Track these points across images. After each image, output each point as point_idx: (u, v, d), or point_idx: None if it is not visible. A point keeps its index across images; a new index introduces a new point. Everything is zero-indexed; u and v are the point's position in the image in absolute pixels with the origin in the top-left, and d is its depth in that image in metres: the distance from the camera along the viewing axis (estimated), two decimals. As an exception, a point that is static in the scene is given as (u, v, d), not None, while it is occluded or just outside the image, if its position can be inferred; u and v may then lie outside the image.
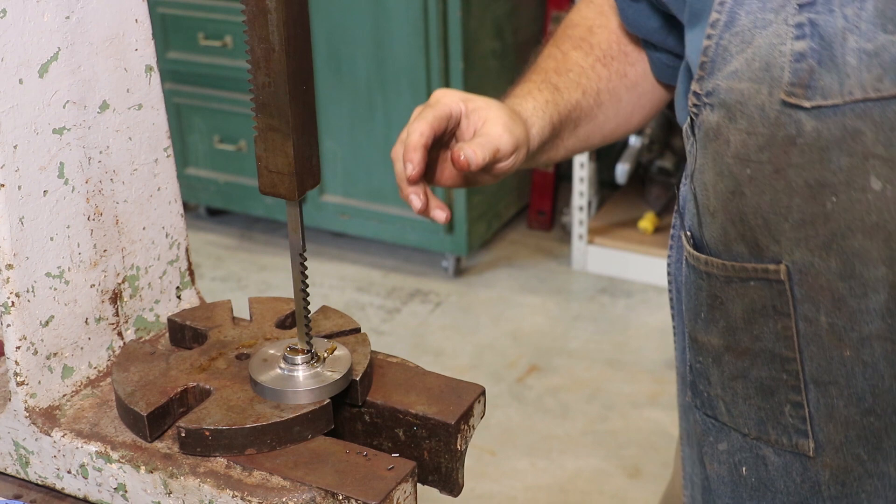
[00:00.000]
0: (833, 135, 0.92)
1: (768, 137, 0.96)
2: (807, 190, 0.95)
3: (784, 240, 0.98)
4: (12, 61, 0.88)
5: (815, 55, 0.92)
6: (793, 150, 0.95)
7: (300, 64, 0.82)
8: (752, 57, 0.96)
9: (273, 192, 0.86)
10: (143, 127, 1.02)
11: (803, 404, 1.03)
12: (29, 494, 0.98)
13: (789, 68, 0.93)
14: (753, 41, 0.96)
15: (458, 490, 0.96)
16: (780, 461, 1.07)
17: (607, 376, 3.12)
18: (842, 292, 0.96)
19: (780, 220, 0.98)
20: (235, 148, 3.81)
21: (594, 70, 1.28)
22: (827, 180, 0.94)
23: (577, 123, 1.27)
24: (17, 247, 0.91)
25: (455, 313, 3.48)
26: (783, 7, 0.94)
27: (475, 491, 2.64)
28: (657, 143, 3.64)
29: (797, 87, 0.93)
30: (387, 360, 1.01)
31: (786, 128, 0.95)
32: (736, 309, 1.04)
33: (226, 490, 0.86)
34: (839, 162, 0.93)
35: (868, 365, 0.97)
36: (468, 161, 1.09)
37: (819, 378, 1.01)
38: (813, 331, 0.99)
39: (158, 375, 0.95)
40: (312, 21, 3.39)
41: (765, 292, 1.01)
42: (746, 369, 1.05)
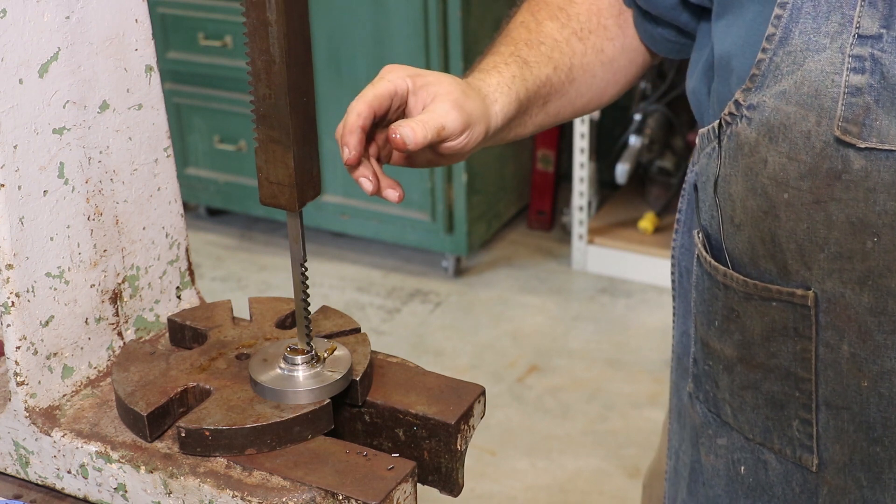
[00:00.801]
0: (883, 178, 0.91)
1: (811, 167, 0.94)
2: (848, 226, 0.94)
3: (816, 269, 0.97)
4: (12, 61, 0.88)
5: (873, 93, 0.90)
6: (837, 185, 0.93)
7: (301, 76, 0.83)
8: (801, 80, 0.94)
9: (274, 203, 0.87)
10: (143, 127, 1.02)
11: (812, 423, 1.02)
12: (29, 494, 0.98)
13: (843, 101, 0.91)
14: (805, 64, 0.93)
15: (458, 490, 0.96)
16: (782, 468, 1.07)
17: (607, 376, 3.12)
18: (869, 326, 0.96)
19: (816, 249, 0.97)
20: (235, 148, 3.81)
21: (569, 44, 1.21)
22: (871, 220, 0.93)
23: (547, 99, 1.20)
24: (17, 247, 0.91)
25: (455, 313, 3.48)
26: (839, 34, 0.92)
27: (475, 491, 2.64)
28: (657, 143, 3.64)
29: (851, 124, 0.91)
30: (387, 360, 1.01)
31: (831, 161, 0.93)
32: (754, 325, 1.03)
33: (226, 490, 0.86)
34: (885, 205, 0.91)
35: (884, 398, 0.98)
36: (404, 140, 1.01)
37: (832, 402, 1.00)
38: (833, 357, 0.99)
39: (158, 375, 0.95)
40: (312, 21, 3.39)
41: (787, 314, 1.00)
42: (758, 382, 1.05)
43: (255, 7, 0.80)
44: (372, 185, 1.04)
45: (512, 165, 3.83)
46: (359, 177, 1.03)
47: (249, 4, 0.80)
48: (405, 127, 1.01)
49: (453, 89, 1.07)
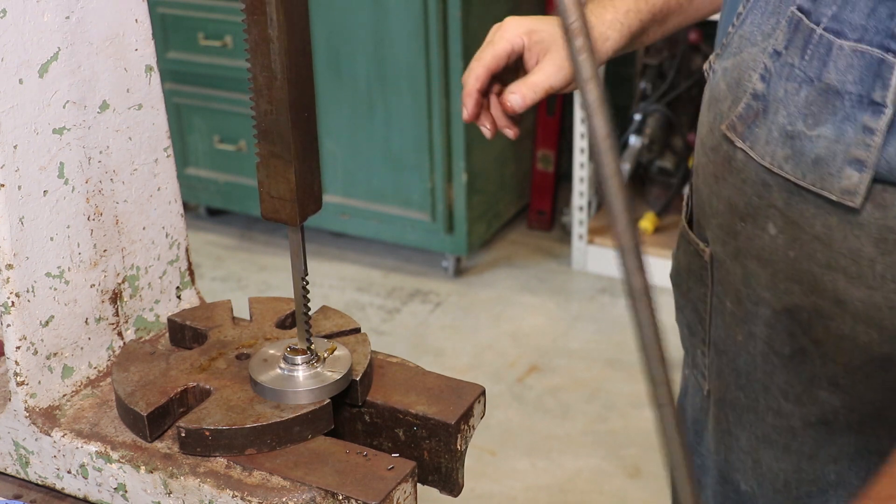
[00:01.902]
0: (750, 177, 1.02)
1: (716, 144, 1.06)
2: (728, 206, 1.06)
3: (710, 233, 1.11)
4: (12, 61, 0.88)
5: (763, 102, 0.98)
6: (727, 168, 1.05)
7: (302, 92, 0.83)
8: (735, 65, 1.02)
9: (275, 218, 0.87)
10: (143, 127, 1.02)
11: (706, 355, 1.17)
12: (29, 494, 0.98)
13: (745, 100, 1.00)
14: (742, 52, 1.02)
15: (458, 490, 0.96)
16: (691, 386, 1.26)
17: (607, 376, 3.12)
18: (742, 294, 1.08)
19: (710, 216, 1.10)
20: (235, 148, 3.81)
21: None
22: (740, 208, 1.04)
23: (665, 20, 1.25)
24: (17, 247, 0.91)
25: (455, 313, 3.48)
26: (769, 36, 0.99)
27: (475, 491, 2.64)
28: (657, 143, 3.64)
29: (740, 122, 1.01)
30: (387, 360, 1.01)
31: (726, 146, 1.04)
32: (682, 259, 1.19)
33: (226, 490, 0.86)
34: (750, 200, 1.03)
35: (750, 355, 1.10)
36: (513, 107, 1.13)
37: (717, 344, 1.14)
38: (721, 308, 1.12)
39: (158, 375, 0.95)
40: (312, 22, 3.39)
41: (696, 260, 1.15)
42: (682, 307, 1.21)
43: (256, 24, 0.80)
44: (491, 132, 1.19)
45: (512, 165, 3.83)
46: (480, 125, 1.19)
47: (251, 21, 0.80)
48: (516, 94, 1.14)
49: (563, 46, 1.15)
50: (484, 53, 1.17)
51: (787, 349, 1.06)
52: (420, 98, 3.40)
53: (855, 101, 0.92)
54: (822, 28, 0.93)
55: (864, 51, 0.91)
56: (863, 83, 0.91)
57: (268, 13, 0.79)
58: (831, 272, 0.99)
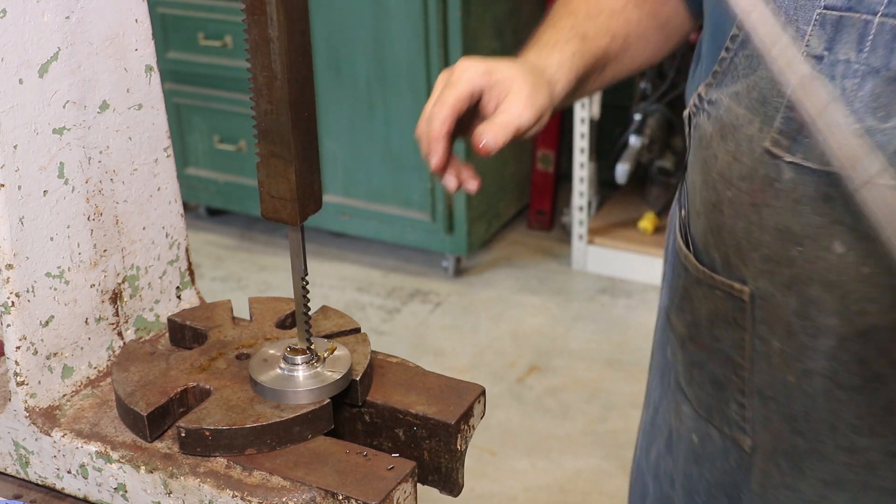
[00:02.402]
0: (808, 192, 0.95)
1: (750, 169, 0.99)
2: (776, 232, 0.98)
3: (751, 267, 1.02)
4: (12, 61, 0.88)
5: None
6: (769, 191, 0.97)
7: (302, 92, 0.83)
8: (753, 85, 0.97)
9: (275, 218, 0.87)
10: (143, 127, 1.02)
11: (746, 407, 1.08)
12: (29, 494, 0.98)
13: (783, 113, 0.95)
14: (758, 70, 0.96)
15: (458, 490, 0.96)
16: (722, 445, 1.13)
17: (607, 376, 3.12)
18: (796, 328, 1.00)
19: (750, 249, 1.01)
20: (235, 148, 3.81)
21: (625, 12, 1.22)
22: (796, 231, 0.97)
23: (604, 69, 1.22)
24: (17, 247, 0.91)
25: (455, 313, 3.48)
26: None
27: (475, 491, 2.64)
28: (657, 143, 3.64)
29: (784, 136, 0.95)
30: (387, 360, 1.01)
31: (767, 167, 0.97)
32: (701, 308, 1.09)
33: (226, 490, 0.86)
34: (809, 219, 0.95)
35: (808, 395, 1.02)
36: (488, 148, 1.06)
37: (763, 391, 1.05)
38: (765, 350, 1.04)
39: (158, 375, 0.95)
40: (312, 22, 3.39)
41: (728, 304, 1.05)
42: (704, 361, 1.11)
43: (256, 23, 0.80)
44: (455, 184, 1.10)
45: (512, 165, 3.83)
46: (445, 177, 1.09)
47: (251, 21, 0.80)
48: (488, 134, 1.06)
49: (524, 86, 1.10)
50: (445, 96, 1.08)
51: (856, 380, 0.99)
52: (420, 98, 3.40)
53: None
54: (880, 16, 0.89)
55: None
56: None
57: (268, 13, 0.79)
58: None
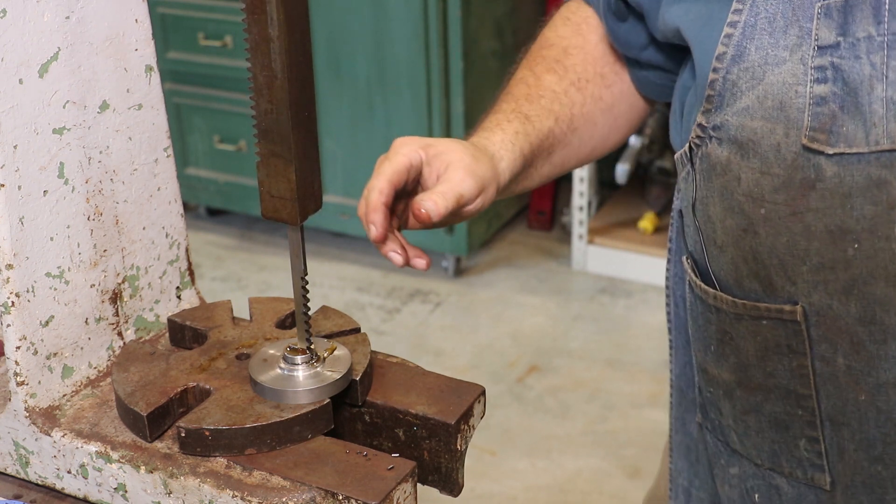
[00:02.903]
0: (857, 182, 0.90)
1: (785, 179, 0.94)
2: (827, 235, 0.93)
3: (801, 282, 0.97)
4: (12, 61, 0.88)
5: (837, 100, 0.90)
6: (812, 194, 0.93)
7: (302, 91, 0.83)
8: (764, 94, 0.94)
9: (275, 217, 0.87)
10: (143, 127, 1.02)
11: (819, 440, 1.01)
12: (29, 494, 0.98)
13: (810, 112, 0.91)
14: (765, 78, 0.94)
15: (458, 490, 0.96)
16: (794, 492, 1.06)
17: (607, 376, 3.12)
18: (861, 336, 0.95)
19: (798, 262, 0.96)
20: (235, 148, 3.81)
21: (567, 95, 1.23)
22: (849, 227, 0.92)
23: (551, 151, 1.22)
24: (17, 247, 0.91)
25: (455, 313, 3.48)
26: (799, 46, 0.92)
27: (475, 491, 2.64)
28: (657, 143, 3.64)
29: (818, 133, 0.91)
30: (387, 360, 1.01)
31: (804, 171, 0.93)
32: (748, 346, 1.02)
33: (226, 490, 0.86)
34: (862, 210, 0.91)
35: (882, 412, 0.96)
36: (429, 214, 1.06)
37: (834, 417, 0.99)
38: (830, 371, 0.98)
39: (158, 375, 0.95)
40: (312, 22, 3.39)
41: (779, 331, 0.99)
42: (759, 404, 1.04)
43: (256, 23, 0.80)
44: (402, 259, 1.09)
45: (512, 165, 3.83)
46: (388, 252, 1.09)
47: (251, 20, 0.80)
48: (428, 201, 1.06)
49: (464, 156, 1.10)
50: (382, 168, 1.08)
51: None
52: (420, 98, 3.40)
53: None
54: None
55: None
56: None
57: (268, 12, 0.79)
58: None
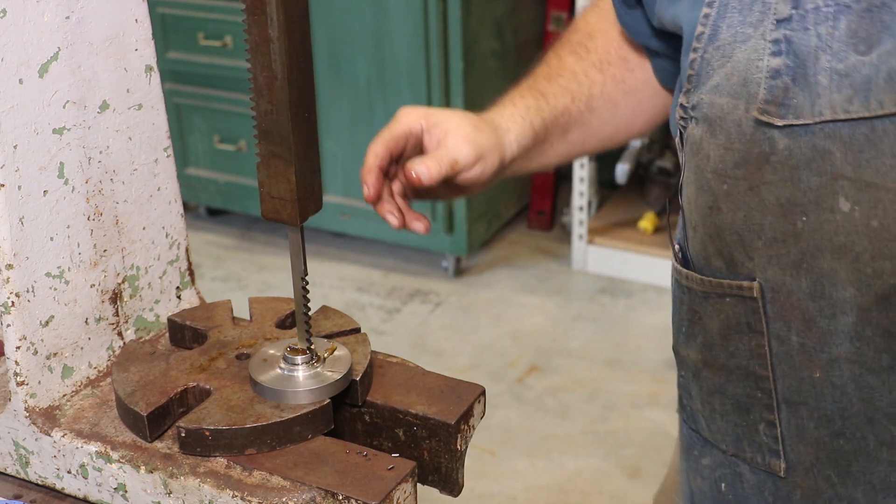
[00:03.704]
0: (804, 154, 0.92)
1: (744, 154, 0.96)
2: (778, 208, 0.95)
3: (757, 257, 0.98)
4: (12, 61, 0.88)
5: (789, 72, 0.91)
6: (766, 168, 0.94)
7: (302, 92, 0.83)
8: (731, 72, 0.95)
9: (275, 218, 0.88)
10: (143, 127, 1.02)
11: (776, 423, 1.02)
12: (29, 494, 0.98)
13: (765, 85, 0.92)
14: (733, 55, 0.95)
15: (458, 490, 0.96)
16: (755, 479, 1.06)
17: (607, 376, 3.12)
18: (812, 312, 0.96)
19: (754, 237, 0.97)
20: (235, 148, 3.81)
21: (587, 75, 1.24)
22: (798, 199, 0.93)
23: (568, 129, 1.23)
24: (17, 247, 0.91)
25: (455, 313, 3.48)
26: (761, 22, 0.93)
27: (475, 491, 2.64)
28: (657, 143, 3.64)
29: (771, 105, 0.92)
30: (387, 360, 1.01)
31: (760, 145, 0.94)
32: (713, 325, 1.04)
33: (226, 490, 0.86)
34: (809, 182, 0.92)
35: (837, 387, 0.97)
36: (419, 177, 1.07)
37: (790, 398, 1.00)
38: (785, 350, 0.99)
39: (158, 375, 0.96)
40: (313, 21, 3.39)
41: (739, 309, 1.01)
42: (723, 385, 1.05)
43: (256, 24, 0.80)
44: (398, 220, 1.13)
45: (512, 165, 3.83)
46: (384, 213, 1.12)
47: (251, 21, 0.80)
48: (420, 164, 1.07)
49: (464, 124, 1.12)
50: (381, 134, 1.11)
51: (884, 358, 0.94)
52: (420, 98, 3.40)
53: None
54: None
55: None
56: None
57: (268, 13, 0.79)
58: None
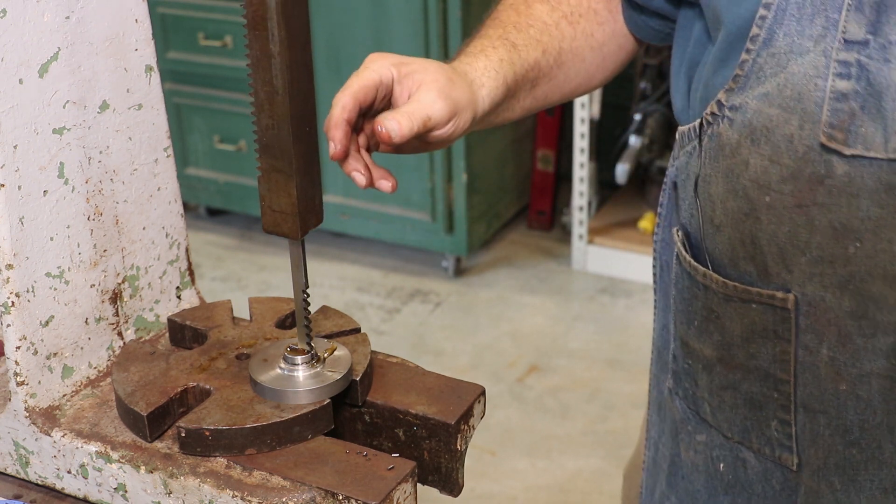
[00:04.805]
0: (867, 184, 0.90)
1: (794, 171, 0.94)
2: (830, 231, 0.93)
3: (798, 272, 0.97)
4: (12, 61, 0.88)
5: (859, 99, 0.89)
6: (819, 189, 0.93)
7: (303, 106, 0.84)
8: (784, 83, 0.93)
9: (276, 231, 0.88)
10: (143, 127, 1.02)
11: (791, 423, 1.02)
12: (29, 494, 0.98)
13: (828, 106, 0.90)
14: (788, 66, 0.92)
15: (458, 490, 0.96)
16: (761, 467, 1.07)
17: (607, 376, 3.12)
18: (849, 330, 0.96)
19: (797, 252, 0.96)
20: (235, 148, 3.81)
21: (558, 28, 1.19)
22: (853, 226, 0.92)
23: (535, 83, 1.19)
24: (17, 247, 0.91)
25: (455, 313, 3.48)
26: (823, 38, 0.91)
27: (475, 491, 2.64)
28: (657, 143, 3.64)
29: (836, 130, 0.90)
30: (387, 360, 1.01)
31: (814, 165, 0.92)
32: (734, 326, 1.03)
33: (226, 490, 0.86)
34: (869, 211, 0.91)
35: (862, 399, 0.97)
36: (390, 134, 1.00)
37: (809, 405, 1.00)
38: (811, 360, 0.99)
39: (158, 375, 0.96)
40: (313, 22, 3.39)
41: (768, 317, 1.00)
42: (737, 382, 1.05)
43: (258, 39, 0.81)
44: (364, 179, 1.04)
45: (512, 165, 3.83)
46: (350, 171, 1.03)
47: (253, 37, 0.81)
48: (391, 120, 1.00)
49: (439, 77, 1.06)
50: (349, 83, 1.03)
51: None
52: (420, 98, 3.40)
53: None
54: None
55: None
56: None
57: (269, 28, 0.80)
58: None
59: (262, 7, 0.80)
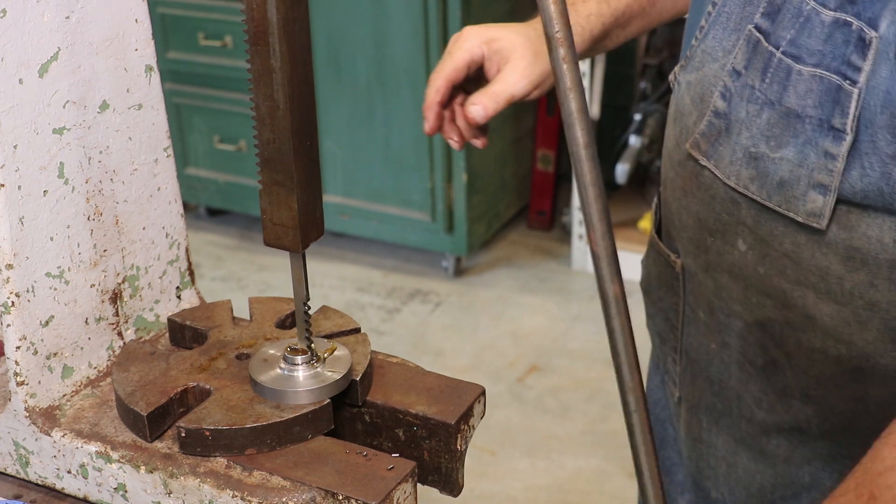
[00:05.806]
0: (719, 193, 1.01)
1: (682, 160, 1.05)
2: (697, 222, 1.05)
3: (681, 246, 1.10)
4: (12, 61, 0.88)
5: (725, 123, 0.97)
6: (694, 183, 1.04)
7: (304, 120, 0.84)
8: (699, 80, 1.01)
9: (278, 245, 0.89)
10: (143, 127, 1.02)
11: (677, 362, 1.18)
12: (29, 494, 0.98)
13: (708, 117, 0.99)
14: (704, 66, 1.01)
15: (458, 490, 0.96)
16: (662, 392, 1.26)
17: (607, 376, 3.12)
18: (714, 305, 1.08)
19: (681, 229, 1.09)
20: (235, 148, 3.81)
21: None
22: (710, 224, 1.04)
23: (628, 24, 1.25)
24: (17, 247, 0.91)
25: (455, 313, 3.48)
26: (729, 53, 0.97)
27: (475, 491, 2.64)
28: (657, 143, 3.64)
29: (703, 141, 1.00)
30: (387, 360, 1.01)
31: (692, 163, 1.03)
32: (652, 269, 1.20)
33: (226, 490, 0.86)
34: (720, 216, 1.02)
35: (724, 363, 1.10)
36: (475, 118, 1.14)
37: (690, 352, 1.15)
38: (693, 318, 1.12)
39: (158, 375, 0.96)
40: (313, 22, 3.39)
41: (668, 270, 1.15)
42: (653, 315, 1.22)
43: (259, 54, 0.81)
44: (458, 144, 1.21)
45: (512, 165, 3.83)
46: (446, 139, 1.22)
47: (254, 52, 0.81)
48: (477, 105, 1.14)
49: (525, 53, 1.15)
50: (443, 65, 1.17)
51: (759, 360, 1.06)
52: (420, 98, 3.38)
53: (815, 125, 0.91)
54: (780, 52, 0.92)
55: (822, 76, 0.90)
56: (822, 108, 0.90)
57: (270, 44, 0.80)
58: (801, 288, 0.98)
59: (263, 23, 0.80)
